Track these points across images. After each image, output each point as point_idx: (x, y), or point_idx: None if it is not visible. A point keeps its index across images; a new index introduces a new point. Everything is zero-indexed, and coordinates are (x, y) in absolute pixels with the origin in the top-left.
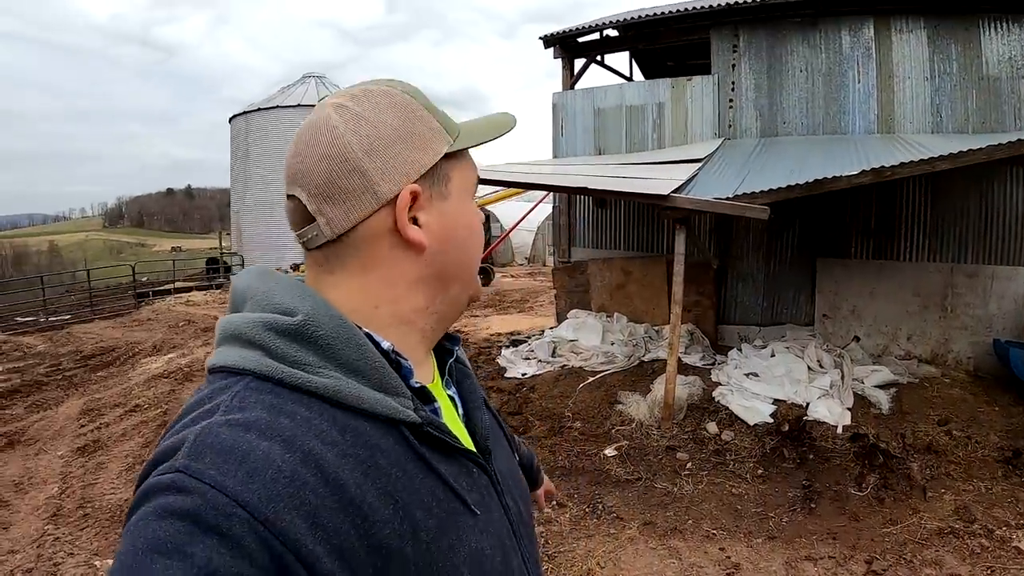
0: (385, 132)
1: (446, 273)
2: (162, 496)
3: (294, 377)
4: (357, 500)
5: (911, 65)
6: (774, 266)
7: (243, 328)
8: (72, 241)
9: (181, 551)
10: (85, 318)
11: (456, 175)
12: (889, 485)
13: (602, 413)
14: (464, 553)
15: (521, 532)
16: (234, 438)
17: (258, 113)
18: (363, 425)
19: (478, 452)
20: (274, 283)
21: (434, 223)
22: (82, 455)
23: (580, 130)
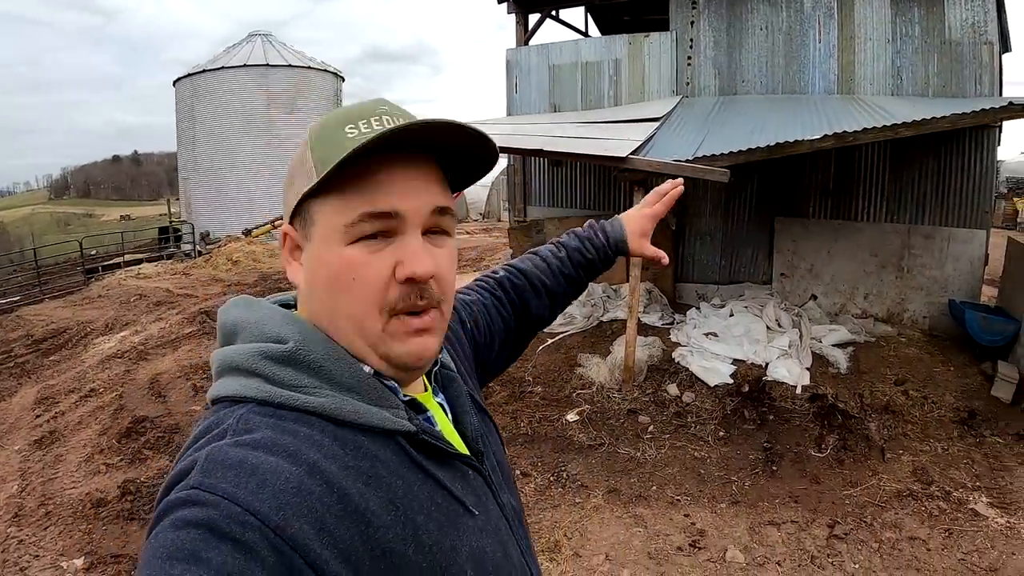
0: (288, 172)
1: (323, 319)
2: (179, 510)
3: (293, 399)
4: (360, 508)
5: (873, 27)
6: (732, 225)
7: (240, 359)
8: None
9: (197, 556)
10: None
11: (321, 216)
12: (848, 446)
13: (563, 376)
14: (466, 553)
15: (516, 526)
16: (243, 455)
17: (203, 75)
18: (361, 439)
19: (471, 454)
20: (263, 313)
21: (305, 265)
22: (40, 448)
23: (535, 87)
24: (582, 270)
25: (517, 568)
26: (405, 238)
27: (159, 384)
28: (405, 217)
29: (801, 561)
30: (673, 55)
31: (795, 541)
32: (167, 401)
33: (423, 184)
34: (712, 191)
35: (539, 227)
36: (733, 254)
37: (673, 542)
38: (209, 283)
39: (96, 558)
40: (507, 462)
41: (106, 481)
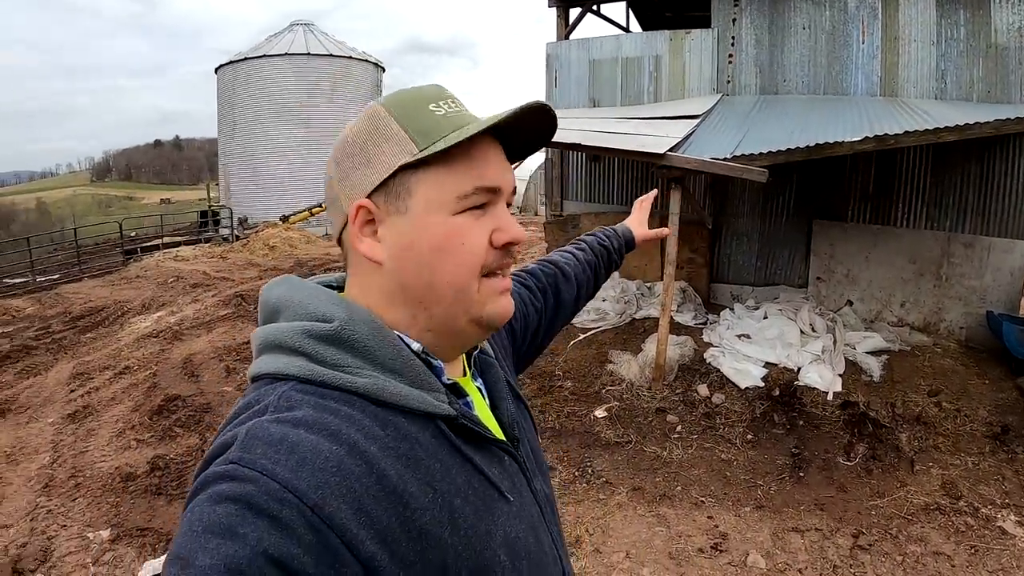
0: (350, 148)
1: (414, 292)
2: (217, 484)
3: (336, 379)
4: (399, 489)
5: (917, 28)
6: (769, 226)
7: (283, 337)
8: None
9: (234, 532)
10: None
11: (422, 187)
12: (878, 456)
13: (593, 372)
14: (500, 538)
15: (548, 512)
16: (283, 432)
17: (244, 63)
18: (402, 420)
19: (507, 440)
20: (307, 293)
21: (390, 238)
22: (73, 422)
23: (574, 82)
24: (602, 258)
25: (548, 555)
26: (498, 209)
27: (192, 364)
28: (502, 192)
29: (823, 570)
30: (714, 52)
31: (818, 549)
32: (199, 381)
33: (507, 165)
34: (750, 191)
35: (575, 222)
36: (769, 256)
37: (695, 543)
38: (245, 267)
39: (122, 530)
40: (540, 449)
41: (136, 456)
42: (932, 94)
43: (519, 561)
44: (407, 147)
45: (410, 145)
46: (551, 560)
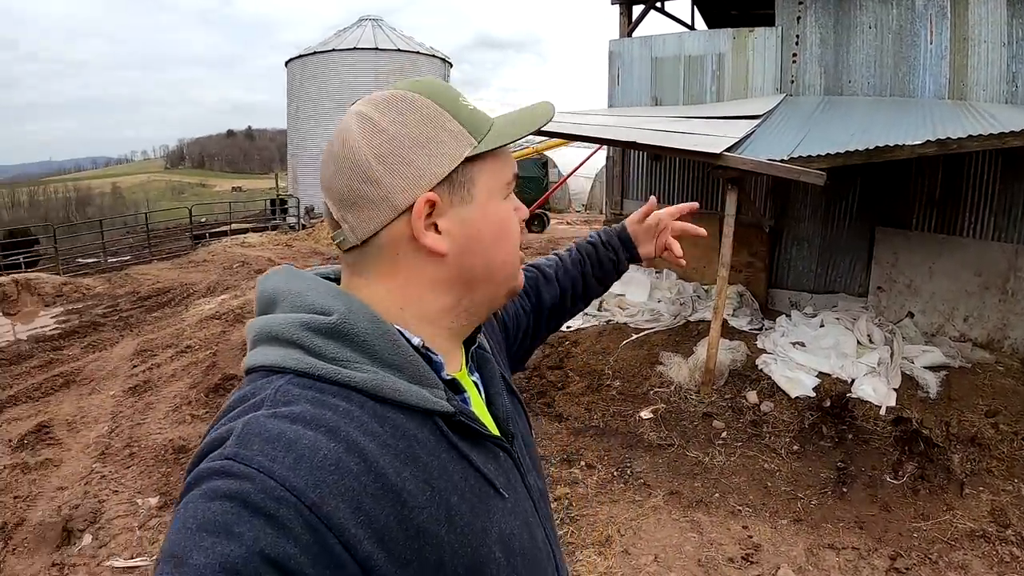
0: (401, 142)
1: (471, 276)
2: (212, 480)
3: (334, 373)
4: (397, 487)
5: (988, 28)
6: (831, 231)
7: (280, 329)
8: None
9: (229, 530)
10: (144, 259)
11: (483, 177)
12: (926, 476)
13: (642, 373)
14: (495, 535)
15: (542, 508)
16: (281, 428)
17: (314, 57)
18: (400, 417)
19: (502, 435)
20: (305, 284)
21: (455, 229)
22: (133, 395)
23: (636, 80)
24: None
25: (542, 550)
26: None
27: None
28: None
29: None
30: (778, 51)
31: (852, 569)
32: None
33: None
34: (812, 195)
35: None
36: (830, 262)
37: (726, 552)
38: (310, 255)
39: (169, 499)
40: (534, 444)
41: (189, 431)
42: (1003, 97)
43: (514, 557)
44: (466, 139)
45: (467, 137)
46: (545, 555)
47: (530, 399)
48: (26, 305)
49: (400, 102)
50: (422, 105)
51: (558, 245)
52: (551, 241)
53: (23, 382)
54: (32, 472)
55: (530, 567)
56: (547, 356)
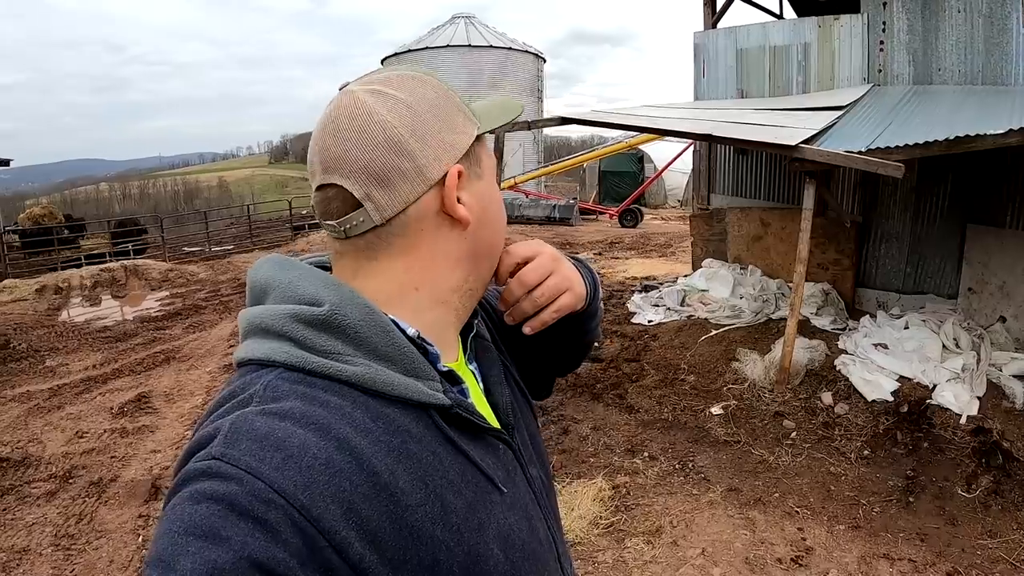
0: (427, 116)
1: (480, 250)
2: (198, 482)
3: (325, 367)
4: (390, 486)
5: None
6: (921, 228)
7: (269, 320)
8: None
9: (217, 534)
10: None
11: (485, 155)
12: (1001, 491)
13: (717, 369)
14: (493, 531)
15: (544, 500)
16: (270, 426)
17: (409, 54)
18: (394, 411)
19: (502, 427)
20: (296, 273)
21: (473, 202)
22: (227, 372)
23: (722, 72)
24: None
25: (544, 543)
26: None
27: None
28: None
29: None
30: (864, 39)
31: None
32: None
33: None
34: (902, 190)
35: (720, 216)
36: (919, 261)
37: (775, 553)
38: None
39: None
40: (540, 436)
41: None
42: None
43: (513, 553)
44: (472, 119)
45: (473, 117)
46: (547, 549)
47: (603, 390)
48: (134, 289)
49: (411, 80)
50: (433, 83)
51: (648, 240)
52: (643, 236)
53: (127, 357)
54: (129, 436)
55: (530, 562)
56: (625, 348)
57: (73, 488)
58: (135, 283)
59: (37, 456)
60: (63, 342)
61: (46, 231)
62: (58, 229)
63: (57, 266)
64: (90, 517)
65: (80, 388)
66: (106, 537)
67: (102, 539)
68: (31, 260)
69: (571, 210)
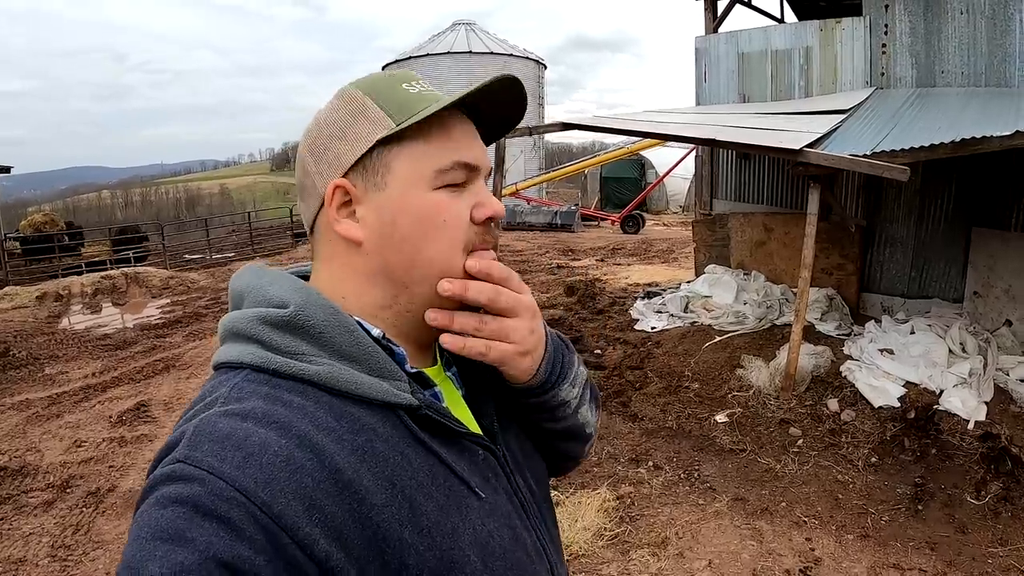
0: (325, 130)
1: (396, 270)
2: (164, 486)
3: (288, 366)
4: (354, 484)
5: None
6: (926, 232)
7: (239, 324)
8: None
9: (182, 536)
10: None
11: (400, 162)
12: (1011, 498)
13: (722, 376)
14: (469, 537)
15: (533, 511)
16: (231, 426)
17: (409, 61)
18: (359, 411)
19: (484, 433)
20: (267, 279)
21: (369, 217)
22: None
23: (723, 76)
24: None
25: (532, 555)
26: (477, 185)
27: None
28: (480, 171)
29: None
30: (867, 42)
31: None
32: None
33: (483, 144)
34: (906, 194)
35: (723, 222)
36: (924, 265)
37: (783, 564)
38: None
39: None
40: (532, 450)
41: None
42: None
43: (493, 561)
44: (383, 122)
45: (386, 120)
46: (536, 561)
47: (607, 398)
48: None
49: (335, 97)
50: (350, 96)
51: (651, 247)
52: (645, 242)
53: (127, 365)
54: (128, 445)
55: (514, 572)
56: (628, 356)
57: (71, 498)
58: (136, 291)
59: (35, 465)
60: (63, 350)
61: (47, 238)
62: (59, 236)
63: (58, 273)
64: (87, 528)
65: (79, 396)
66: (103, 548)
67: (99, 550)
68: (32, 267)
69: (573, 216)
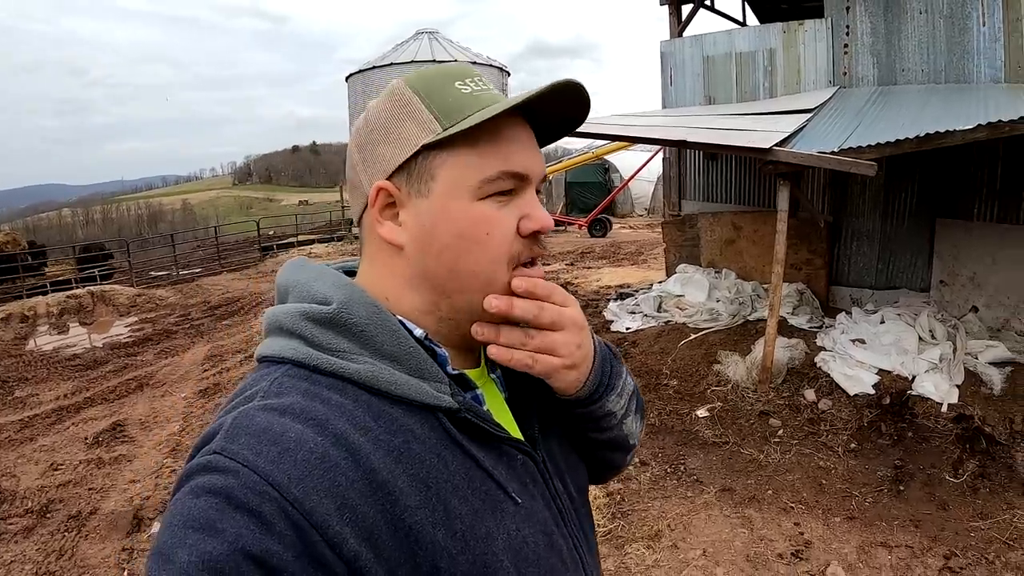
0: (374, 128)
1: (436, 279)
2: (199, 476)
3: (329, 364)
4: (388, 485)
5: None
6: (891, 225)
7: (283, 319)
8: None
9: (213, 527)
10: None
11: (445, 170)
12: (987, 475)
13: (699, 372)
14: (503, 542)
15: (571, 518)
16: (269, 421)
17: (373, 71)
18: (397, 411)
19: (524, 438)
20: (313, 274)
21: (411, 223)
22: (203, 397)
23: (689, 79)
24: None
25: (567, 561)
26: (527, 195)
27: None
28: (530, 179)
29: None
30: (829, 43)
31: (904, 567)
32: None
33: (537, 149)
34: (871, 188)
35: (692, 222)
36: (891, 257)
37: (775, 548)
38: None
39: None
40: (574, 455)
41: None
42: None
43: (525, 566)
44: (430, 126)
45: (433, 124)
46: (570, 567)
47: None
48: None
49: (385, 93)
50: (397, 91)
51: (619, 249)
52: (613, 245)
53: (99, 385)
54: (106, 467)
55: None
56: None
57: (51, 523)
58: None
59: (11, 490)
60: (32, 371)
61: (9, 258)
62: (22, 256)
63: (22, 294)
64: (71, 552)
65: (52, 418)
66: (89, 572)
67: (85, 575)
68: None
69: None
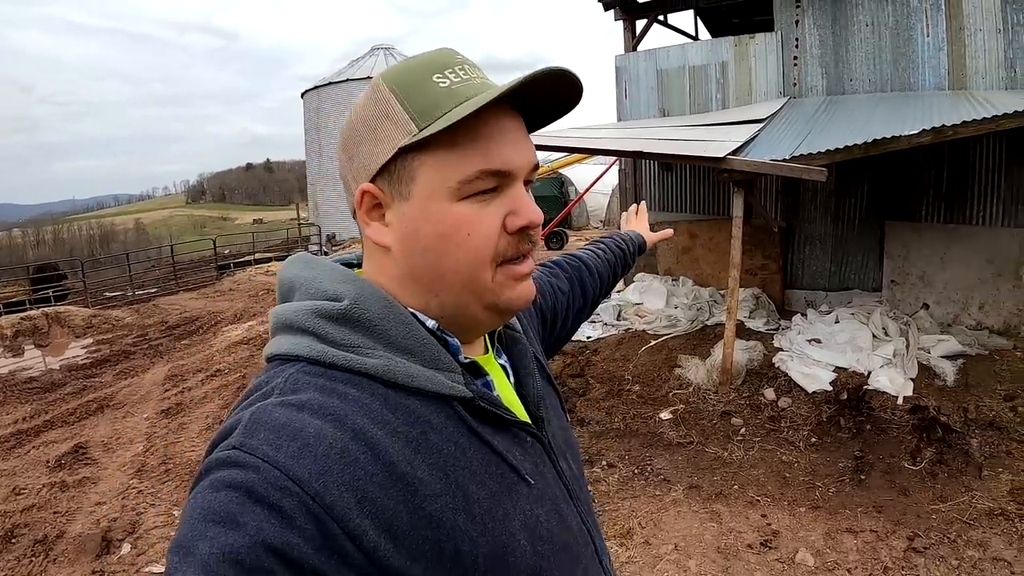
0: (355, 128)
1: (423, 279)
2: (218, 471)
3: (345, 359)
4: (408, 476)
5: (982, 17)
6: (842, 229)
7: (294, 317)
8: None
9: (234, 520)
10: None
11: (423, 171)
12: (945, 461)
13: (661, 376)
14: (519, 522)
15: (576, 493)
16: (287, 416)
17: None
18: (414, 403)
19: (531, 420)
20: (319, 270)
21: (395, 224)
22: (166, 417)
23: (644, 92)
24: (619, 259)
25: (577, 536)
26: (512, 190)
27: None
28: (513, 175)
29: (873, 571)
30: (779, 55)
31: (870, 550)
32: None
33: (524, 139)
34: (821, 194)
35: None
36: (843, 260)
37: (745, 540)
38: None
39: None
40: (571, 428)
41: None
42: (1002, 84)
43: (541, 544)
44: (406, 127)
45: (409, 124)
46: (580, 541)
47: None
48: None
49: (367, 90)
50: (377, 91)
51: None
52: None
53: (58, 408)
54: (70, 489)
55: (559, 554)
56: (568, 365)
57: (17, 548)
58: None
59: None
60: None
61: None
62: None
63: None
64: None
65: (11, 442)
66: None
67: None
68: None
69: None
